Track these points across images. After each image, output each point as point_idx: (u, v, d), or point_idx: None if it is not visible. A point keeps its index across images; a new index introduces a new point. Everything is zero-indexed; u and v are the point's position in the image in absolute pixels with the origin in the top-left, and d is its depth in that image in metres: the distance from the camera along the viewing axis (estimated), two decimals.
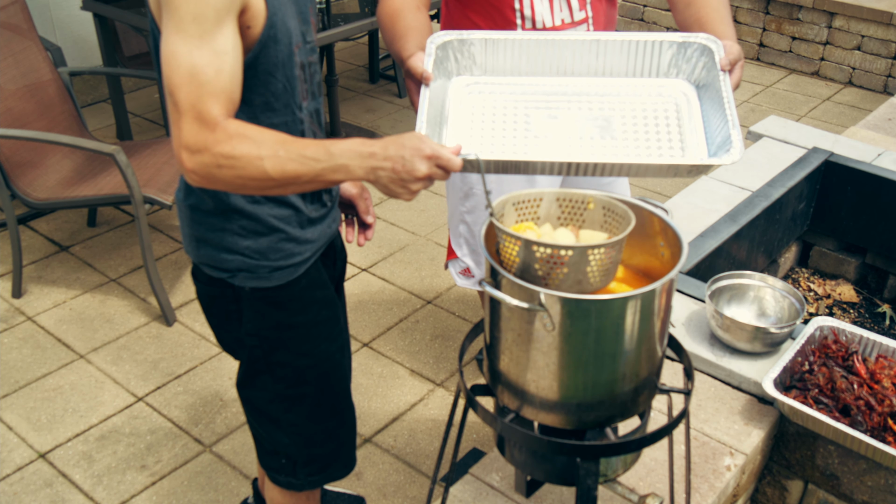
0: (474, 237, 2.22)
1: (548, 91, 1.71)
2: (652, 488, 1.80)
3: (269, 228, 1.48)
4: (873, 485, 1.89)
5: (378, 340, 3.00)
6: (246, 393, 1.67)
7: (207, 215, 1.48)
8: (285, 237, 1.50)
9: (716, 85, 1.61)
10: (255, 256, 1.49)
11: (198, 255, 1.53)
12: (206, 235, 1.50)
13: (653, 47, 1.71)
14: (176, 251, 3.49)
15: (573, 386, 1.38)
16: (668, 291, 1.37)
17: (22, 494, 2.40)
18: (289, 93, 1.42)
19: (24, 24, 3.13)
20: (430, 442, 2.57)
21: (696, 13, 1.82)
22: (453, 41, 1.70)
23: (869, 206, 2.88)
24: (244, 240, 1.48)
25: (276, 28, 1.34)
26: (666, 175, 1.51)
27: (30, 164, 3.06)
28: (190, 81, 1.21)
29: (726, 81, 1.60)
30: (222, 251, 1.49)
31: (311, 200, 1.54)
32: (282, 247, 1.50)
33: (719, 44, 1.66)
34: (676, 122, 1.64)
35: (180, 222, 1.56)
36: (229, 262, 1.50)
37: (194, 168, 1.25)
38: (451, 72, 1.72)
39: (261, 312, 1.55)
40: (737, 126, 1.50)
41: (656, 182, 4.08)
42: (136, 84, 4.92)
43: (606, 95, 1.70)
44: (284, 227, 1.49)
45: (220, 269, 1.51)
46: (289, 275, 1.53)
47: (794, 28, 5.27)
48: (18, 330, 3.03)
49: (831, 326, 2.04)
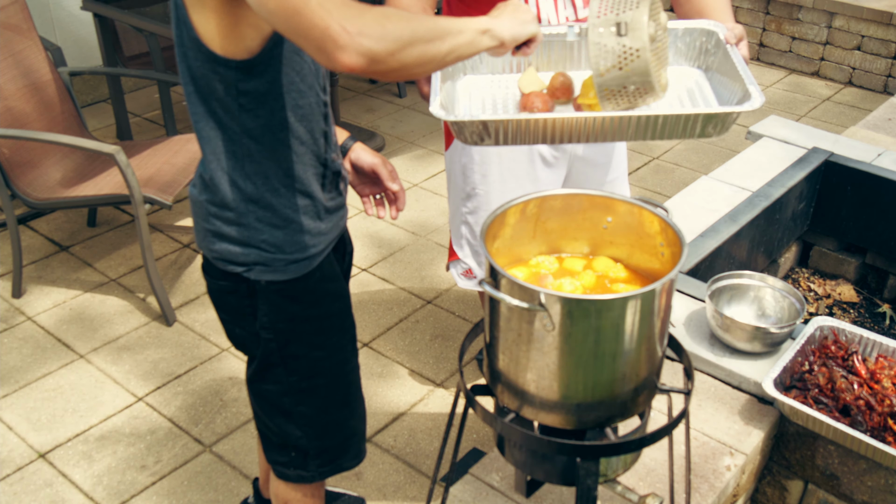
0: (476, 238, 2.22)
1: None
2: (652, 488, 1.80)
3: (286, 220, 1.49)
4: (873, 485, 1.89)
5: (378, 340, 3.00)
6: (257, 387, 1.68)
7: (224, 209, 1.48)
8: (301, 229, 1.51)
9: (725, 60, 1.63)
10: (272, 250, 1.50)
11: (212, 250, 1.53)
12: (223, 229, 1.50)
13: None
14: (176, 251, 3.49)
15: (573, 386, 1.38)
16: (668, 291, 1.37)
17: (22, 494, 2.40)
18: (313, 74, 1.43)
19: (24, 24, 3.13)
20: (430, 442, 2.57)
21: (697, 7, 1.86)
22: None
23: (869, 206, 2.88)
24: (261, 233, 1.48)
25: None
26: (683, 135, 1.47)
27: (30, 164, 3.06)
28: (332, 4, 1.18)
29: (734, 50, 1.63)
30: (238, 245, 1.50)
31: (328, 189, 1.55)
32: (298, 239, 1.51)
33: (721, 25, 1.70)
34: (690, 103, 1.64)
35: (194, 217, 1.56)
36: (245, 257, 1.50)
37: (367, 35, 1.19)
38: (459, 70, 1.73)
39: (276, 306, 1.55)
40: (753, 83, 1.50)
41: (656, 182, 4.08)
42: (136, 84, 4.92)
43: None
44: (300, 217, 1.50)
45: (235, 264, 1.52)
46: (304, 267, 1.54)
47: (794, 28, 5.27)
48: (18, 330, 3.03)
49: (831, 326, 2.04)
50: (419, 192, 3.95)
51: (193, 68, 1.38)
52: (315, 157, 1.50)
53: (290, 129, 1.44)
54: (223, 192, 1.47)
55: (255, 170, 1.45)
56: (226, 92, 1.38)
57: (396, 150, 4.32)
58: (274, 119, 1.42)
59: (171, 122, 4.01)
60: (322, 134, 1.51)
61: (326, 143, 1.52)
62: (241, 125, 1.41)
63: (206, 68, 1.36)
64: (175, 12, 1.36)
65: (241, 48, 1.34)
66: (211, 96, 1.39)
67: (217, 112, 1.41)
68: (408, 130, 4.53)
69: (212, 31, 1.32)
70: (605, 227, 1.56)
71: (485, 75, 1.76)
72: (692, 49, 1.74)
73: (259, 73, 1.37)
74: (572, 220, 1.57)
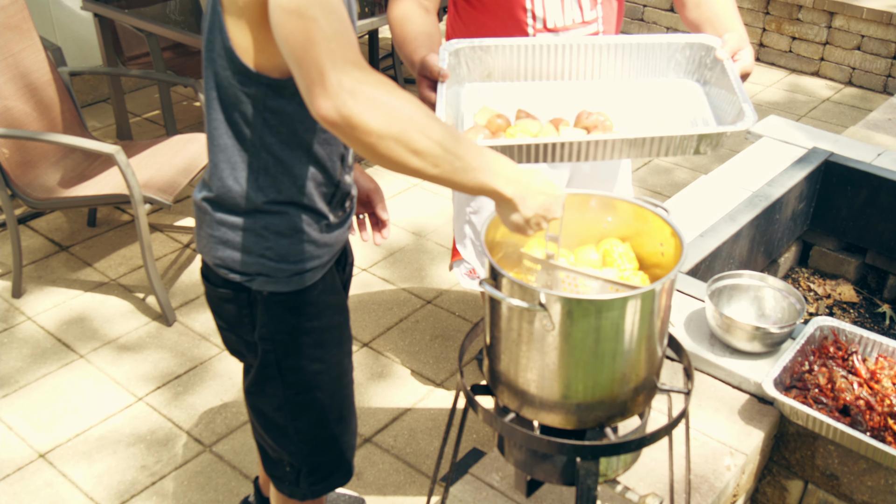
0: (480, 238, 2.22)
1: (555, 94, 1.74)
2: (652, 488, 1.79)
3: (292, 230, 1.47)
4: (873, 485, 1.89)
5: (378, 340, 3.00)
6: (254, 399, 1.66)
7: (230, 214, 1.46)
8: (306, 239, 1.49)
9: (722, 76, 1.64)
10: (275, 259, 1.48)
11: (215, 257, 1.50)
12: (227, 236, 1.48)
13: (659, 50, 1.77)
14: (176, 251, 3.49)
15: (573, 386, 1.38)
16: (668, 291, 1.37)
17: (22, 494, 2.40)
18: None
19: (24, 24, 3.13)
20: (430, 442, 2.57)
21: (704, 13, 1.86)
22: (465, 48, 1.72)
23: (869, 206, 2.88)
24: (265, 241, 1.47)
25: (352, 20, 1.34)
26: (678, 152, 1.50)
27: (30, 164, 3.06)
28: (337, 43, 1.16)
29: (731, 65, 1.65)
30: (242, 253, 1.48)
31: (335, 206, 1.53)
32: (301, 249, 1.49)
33: (717, 39, 1.72)
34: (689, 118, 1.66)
35: (197, 223, 1.54)
36: (248, 266, 1.48)
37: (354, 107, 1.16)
38: (463, 78, 1.73)
39: (276, 317, 1.53)
40: (747, 100, 1.54)
41: (656, 182, 4.08)
42: (136, 84, 4.92)
43: (616, 96, 1.73)
44: (306, 228, 1.49)
45: (237, 273, 1.50)
46: (307, 279, 1.52)
47: (794, 28, 5.27)
48: (18, 330, 3.03)
49: (831, 326, 2.04)
50: (419, 192, 3.95)
51: (221, 76, 1.36)
52: (328, 178, 1.48)
53: (309, 149, 1.42)
54: (232, 201, 1.45)
55: (268, 183, 1.43)
56: (252, 105, 1.36)
57: None
58: (295, 139, 1.40)
59: (171, 122, 4.01)
60: (339, 157, 1.50)
61: (342, 166, 1.51)
62: (261, 139, 1.40)
63: (234, 79, 1.35)
64: (211, 16, 1.34)
65: (274, 65, 1.32)
66: (234, 107, 1.38)
67: (238, 123, 1.39)
68: None
69: (247, 43, 1.31)
70: (606, 226, 1.56)
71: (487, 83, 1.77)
72: (692, 63, 1.76)
73: (290, 95, 1.35)
74: (573, 219, 1.57)
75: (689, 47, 1.75)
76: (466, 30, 1.98)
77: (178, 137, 3.32)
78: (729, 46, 1.67)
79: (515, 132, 1.52)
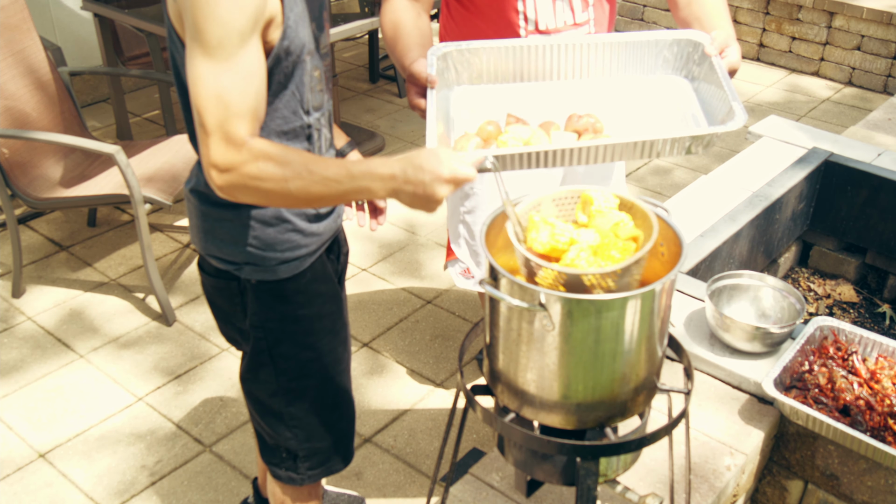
0: (474, 238, 2.22)
1: (545, 95, 1.73)
2: (652, 488, 1.79)
3: (278, 219, 1.50)
4: (873, 485, 1.89)
5: (378, 340, 3.00)
6: (248, 386, 1.69)
7: (216, 206, 1.49)
8: (292, 228, 1.51)
9: (710, 73, 1.64)
10: (262, 247, 1.50)
11: (205, 246, 1.54)
12: (215, 226, 1.51)
13: (647, 47, 1.76)
14: (176, 251, 3.49)
15: (573, 386, 1.38)
16: (668, 291, 1.37)
17: (22, 494, 2.40)
18: (297, 99, 1.43)
19: (24, 24, 3.13)
20: (430, 442, 2.57)
21: (695, 11, 1.86)
22: (453, 52, 1.71)
23: (869, 206, 2.88)
24: (252, 230, 1.49)
25: (290, 40, 1.35)
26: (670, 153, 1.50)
27: (30, 164, 3.06)
28: (217, 104, 1.24)
29: (719, 62, 1.65)
30: (230, 243, 1.51)
31: None
32: (289, 237, 1.51)
33: (705, 35, 1.72)
34: (679, 115, 1.66)
35: (188, 214, 1.58)
36: (236, 255, 1.51)
37: (223, 185, 1.29)
38: (452, 81, 1.73)
39: (266, 305, 1.56)
40: (737, 98, 1.53)
41: (656, 182, 4.08)
42: (136, 84, 4.92)
43: (605, 95, 1.73)
44: (292, 217, 1.51)
45: (226, 261, 1.53)
46: (294, 268, 1.54)
47: (794, 28, 5.27)
48: (18, 330, 3.03)
49: (831, 326, 2.04)
50: None
51: (184, 76, 1.38)
52: None
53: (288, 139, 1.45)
54: None
55: None
56: None
57: (396, 150, 4.32)
58: (267, 129, 1.42)
59: (171, 122, 4.01)
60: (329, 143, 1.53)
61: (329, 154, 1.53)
62: None
63: None
64: (169, 30, 1.37)
65: None
66: None
67: None
68: (408, 130, 4.53)
69: None
70: None
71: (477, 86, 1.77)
72: (679, 59, 1.76)
73: None
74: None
75: (677, 43, 1.75)
76: (459, 32, 1.98)
77: (178, 137, 3.32)
78: (717, 43, 1.67)
79: (507, 140, 1.52)
